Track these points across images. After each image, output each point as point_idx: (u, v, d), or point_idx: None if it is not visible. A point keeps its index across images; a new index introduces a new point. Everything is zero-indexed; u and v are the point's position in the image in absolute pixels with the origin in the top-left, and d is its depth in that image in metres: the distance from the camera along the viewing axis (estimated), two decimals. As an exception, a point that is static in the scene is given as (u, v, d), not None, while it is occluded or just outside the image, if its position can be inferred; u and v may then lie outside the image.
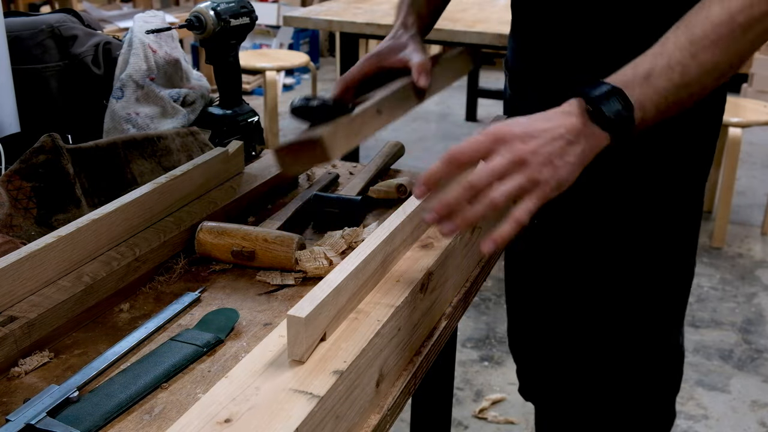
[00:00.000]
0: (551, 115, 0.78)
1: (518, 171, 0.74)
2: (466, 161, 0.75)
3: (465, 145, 0.75)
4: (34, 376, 0.75)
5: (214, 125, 1.29)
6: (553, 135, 0.76)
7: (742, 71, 4.63)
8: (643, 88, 0.80)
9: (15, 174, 0.99)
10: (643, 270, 1.21)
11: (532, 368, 1.48)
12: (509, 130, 0.75)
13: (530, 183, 0.74)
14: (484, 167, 0.74)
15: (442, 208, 0.75)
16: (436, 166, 0.75)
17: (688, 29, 0.82)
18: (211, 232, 0.98)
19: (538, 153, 0.75)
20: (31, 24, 1.29)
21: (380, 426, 0.71)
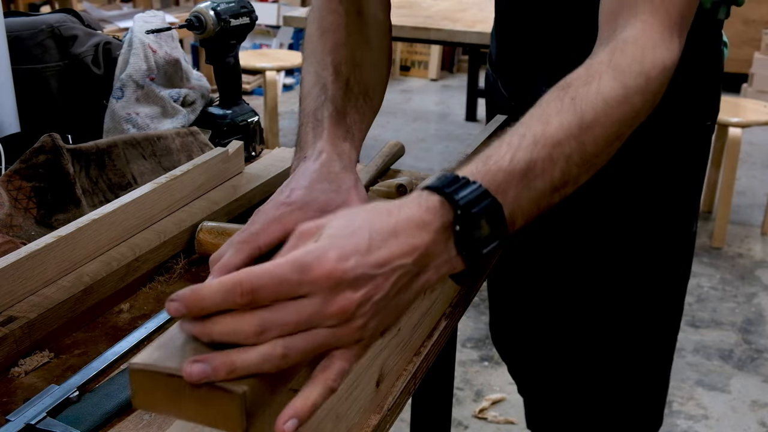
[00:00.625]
0: (400, 227, 0.54)
1: (335, 324, 0.52)
2: (264, 298, 0.51)
3: (267, 277, 0.51)
4: (34, 376, 0.75)
5: (214, 125, 1.29)
6: (395, 268, 0.53)
7: (741, 71, 4.64)
8: (518, 191, 0.60)
9: (15, 174, 0.99)
10: (633, 274, 1.19)
11: (516, 363, 1.48)
12: (335, 269, 0.51)
13: (347, 341, 0.53)
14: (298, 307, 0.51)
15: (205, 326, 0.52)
16: (212, 289, 0.51)
17: (575, 107, 0.65)
18: (211, 232, 0.98)
19: (370, 302, 0.53)
20: (31, 24, 1.29)
21: (380, 426, 0.71)
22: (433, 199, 0.56)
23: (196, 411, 0.52)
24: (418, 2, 3.40)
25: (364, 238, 0.53)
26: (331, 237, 0.53)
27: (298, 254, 0.52)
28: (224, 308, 0.52)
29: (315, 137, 0.77)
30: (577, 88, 0.67)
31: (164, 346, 0.54)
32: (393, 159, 1.31)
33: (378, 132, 4.58)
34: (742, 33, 5.17)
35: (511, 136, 0.63)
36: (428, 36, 2.89)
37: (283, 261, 0.51)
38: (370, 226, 0.54)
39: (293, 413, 0.51)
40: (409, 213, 0.55)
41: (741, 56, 5.07)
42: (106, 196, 1.06)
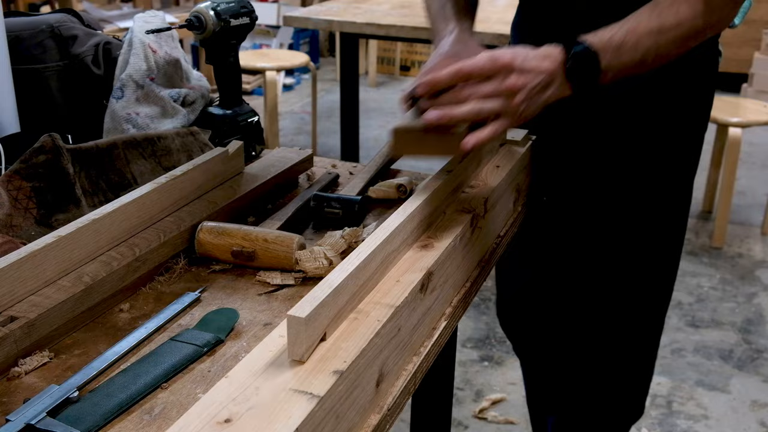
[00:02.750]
0: (542, 56, 0.93)
1: (507, 97, 0.90)
2: (471, 77, 0.90)
3: (474, 64, 0.90)
4: (34, 376, 0.75)
5: (214, 125, 1.29)
6: (540, 75, 0.91)
7: (742, 71, 4.64)
8: (612, 56, 0.96)
9: (15, 174, 0.99)
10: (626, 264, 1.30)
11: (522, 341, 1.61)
12: (511, 60, 0.90)
13: (510, 110, 0.91)
14: (487, 84, 0.90)
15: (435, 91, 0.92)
16: (443, 74, 0.90)
17: (659, 18, 0.97)
18: (211, 232, 0.98)
19: (525, 88, 0.90)
20: (31, 24, 1.29)
21: (380, 426, 0.71)
22: (558, 48, 0.95)
23: (433, 147, 0.95)
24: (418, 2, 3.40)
25: (524, 52, 0.92)
26: (509, 49, 0.92)
27: (489, 53, 0.91)
28: (450, 85, 0.91)
29: (446, 23, 1.14)
30: (663, 7, 0.98)
31: (408, 118, 0.96)
32: (393, 159, 1.31)
33: (378, 132, 4.57)
34: (742, 33, 5.17)
35: (615, 25, 0.97)
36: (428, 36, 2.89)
37: (483, 55, 0.91)
38: (526, 50, 0.93)
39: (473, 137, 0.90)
40: (545, 51, 0.94)
41: (741, 56, 5.07)
42: (106, 196, 1.06)
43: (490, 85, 0.90)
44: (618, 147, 1.23)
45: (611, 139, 1.23)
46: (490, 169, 1.11)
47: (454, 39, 1.09)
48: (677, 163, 1.25)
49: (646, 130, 1.21)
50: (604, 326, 1.35)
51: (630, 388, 1.42)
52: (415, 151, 0.95)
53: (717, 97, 1.25)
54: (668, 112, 1.21)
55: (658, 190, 1.25)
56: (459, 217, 0.95)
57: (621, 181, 1.25)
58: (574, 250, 1.33)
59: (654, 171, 1.24)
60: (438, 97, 0.92)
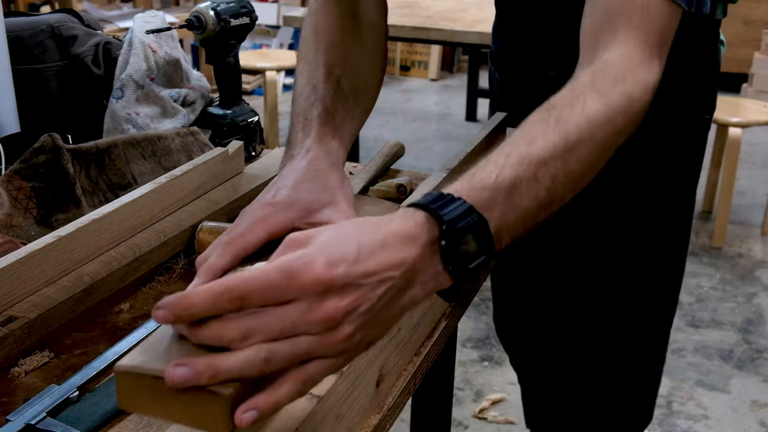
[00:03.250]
0: (388, 240, 0.54)
1: (321, 331, 0.51)
2: (252, 303, 0.51)
3: (255, 284, 0.51)
4: (34, 376, 0.75)
5: (214, 125, 1.29)
6: (382, 280, 0.53)
7: (741, 71, 4.64)
8: (504, 208, 0.61)
9: (15, 174, 0.99)
10: (630, 267, 1.24)
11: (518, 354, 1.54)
12: (323, 276, 0.51)
13: (333, 347, 0.52)
14: (280, 311, 0.51)
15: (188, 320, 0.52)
16: (200, 296, 0.51)
17: (560, 128, 0.66)
18: (211, 232, 0.98)
19: (355, 311, 0.52)
20: (31, 24, 1.29)
21: (380, 426, 0.71)
22: (419, 215, 0.57)
23: (182, 413, 0.52)
24: (418, 2, 3.40)
25: (352, 248, 0.53)
26: (320, 245, 0.53)
27: (286, 259, 0.52)
28: (212, 314, 0.52)
29: (304, 136, 0.78)
30: (562, 110, 0.68)
31: (150, 349, 0.54)
32: (393, 159, 1.31)
33: (378, 132, 4.57)
34: (742, 33, 5.17)
35: (497, 155, 0.64)
36: (428, 36, 2.89)
37: (271, 267, 0.51)
38: (358, 237, 0.54)
39: (254, 405, 0.50)
40: (396, 227, 0.56)
41: (741, 56, 5.07)
42: (106, 196, 1.06)
43: (286, 318, 0.51)
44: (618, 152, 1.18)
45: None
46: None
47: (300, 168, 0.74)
48: (680, 166, 1.19)
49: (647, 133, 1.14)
50: (607, 334, 1.31)
51: (636, 396, 1.37)
52: (152, 410, 0.53)
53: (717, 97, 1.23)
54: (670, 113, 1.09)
55: (661, 192, 1.20)
56: (459, 217, 0.94)
57: (623, 186, 1.18)
58: (575, 256, 1.28)
59: (657, 172, 1.18)
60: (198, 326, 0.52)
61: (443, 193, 0.59)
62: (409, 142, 4.18)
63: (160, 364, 0.52)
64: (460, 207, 0.57)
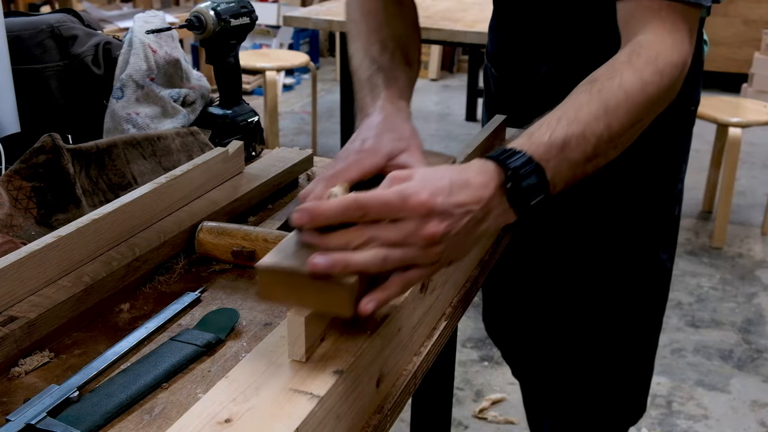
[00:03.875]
0: (470, 181, 0.69)
1: (423, 247, 0.66)
2: (369, 216, 0.65)
3: (377, 199, 0.65)
4: (34, 376, 0.75)
5: (214, 125, 1.29)
6: (467, 211, 0.68)
7: (741, 71, 4.64)
8: (557, 161, 0.75)
9: (15, 174, 0.99)
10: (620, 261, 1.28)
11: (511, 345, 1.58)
12: (429, 201, 0.65)
13: (428, 259, 0.67)
14: (394, 228, 0.65)
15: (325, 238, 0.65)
16: (332, 204, 0.65)
17: (601, 96, 0.80)
18: (211, 232, 0.98)
19: (448, 233, 0.67)
20: (31, 24, 1.29)
21: (380, 426, 0.71)
22: (490, 164, 0.72)
23: (312, 300, 0.65)
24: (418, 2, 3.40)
25: (446, 184, 0.67)
26: (422, 180, 0.67)
27: (401, 187, 0.66)
28: (340, 221, 0.65)
29: (374, 98, 0.91)
30: (603, 82, 0.82)
31: (282, 252, 0.67)
32: (393, 159, 1.31)
33: (378, 132, 4.57)
34: (742, 33, 5.17)
35: (550, 118, 0.78)
36: (428, 36, 2.89)
37: (389, 190, 0.66)
38: (450, 176, 0.69)
39: (372, 297, 0.65)
40: (474, 173, 0.71)
41: (741, 56, 5.07)
42: (106, 196, 1.06)
43: (400, 231, 0.65)
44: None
45: None
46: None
47: (378, 121, 0.86)
48: (664, 160, 1.24)
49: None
50: (597, 325, 1.34)
51: (628, 389, 1.41)
52: (287, 299, 0.66)
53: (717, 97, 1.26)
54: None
55: (649, 182, 1.24)
56: (459, 217, 0.94)
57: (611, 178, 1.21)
58: (563, 249, 1.32)
59: (642, 169, 1.22)
60: (325, 234, 0.66)
61: (507, 148, 0.74)
62: (409, 142, 4.18)
63: (294, 262, 0.65)
64: (522, 158, 0.72)
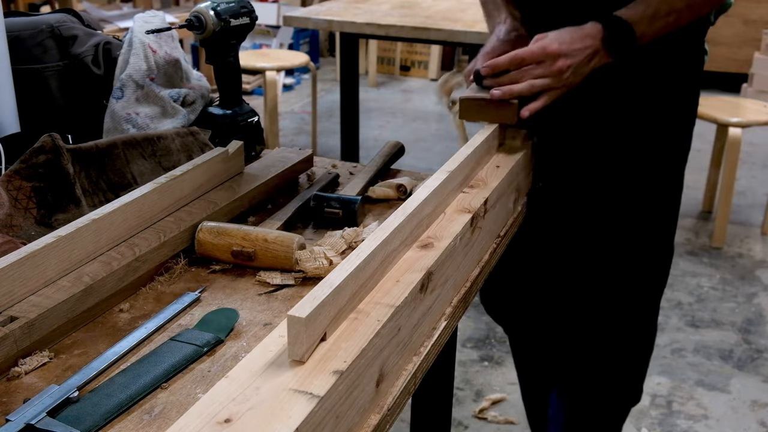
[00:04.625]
0: (582, 35, 1.14)
1: (556, 75, 1.14)
2: (525, 62, 1.14)
3: (527, 52, 1.14)
4: (34, 376, 0.75)
5: (214, 125, 1.29)
6: (582, 53, 1.13)
7: (741, 71, 4.64)
8: (646, 26, 1.14)
9: (15, 174, 0.99)
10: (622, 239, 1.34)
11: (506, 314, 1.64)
12: (558, 48, 1.13)
13: (558, 85, 1.15)
14: (538, 67, 1.14)
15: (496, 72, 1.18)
16: (503, 59, 1.16)
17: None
18: (211, 232, 0.98)
19: (570, 67, 1.13)
20: (31, 24, 1.29)
21: (380, 426, 0.71)
22: (597, 26, 1.15)
23: (493, 115, 1.19)
24: (418, 2, 3.40)
25: (569, 37, 1.14)
26: (552, 37, 1.14)
27: (540, 43, 1.15)
28: (508, 68, 1.16)
29: (498, 12, 1.33)
30: None
31: (473, 89, 1.21)
32: (393, 159, 1.32)
33: (378, 132, 4.58)
34: (742, 33, 5.17)
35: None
36: (428, 36, 2.89)
37: (535, 45, 1.15)
38: (570, 33, 1.15)
39: (527, 108, 1.16)
40: (584, 30, 1.15)
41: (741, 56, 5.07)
42: (106, 196, 1.06)
43: (541, 69, 1.13)
44: (610, 138, 1.30)
45: (604, 131, 1.30)
46: (490, 169, 1.12)
47: (507, 27, 1.29)
48: (666, 152, 1.31)
49: (636, 122, 1.28)
50: (598, 308, 1.39)
51: (627, 366, 1.45)
52: (478, 117, 1.19)
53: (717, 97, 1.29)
54: (656, 104, 1.29)
55: (649, 175, 1.31)
56: (459, 217, 0.95)
57: (613, 169, 1.31)
58: (567, 234, 1.38)
59: (644, 158, 1.30)
60: (498, 77, 1.17)
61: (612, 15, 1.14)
62: (409, 142, 4.18)
63: (482, 93, 1.19)
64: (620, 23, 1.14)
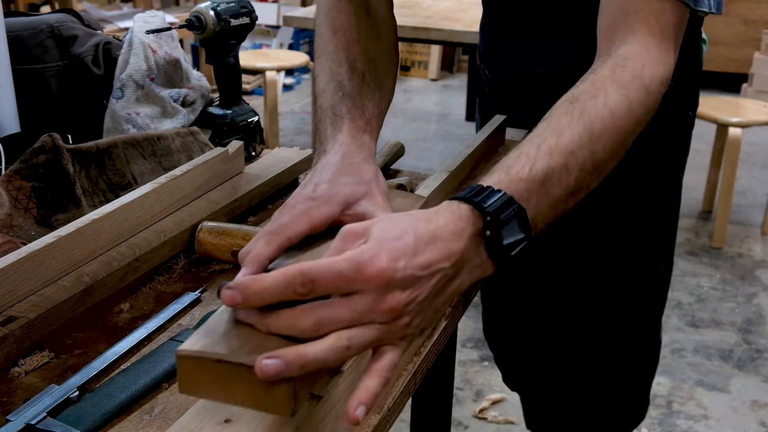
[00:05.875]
0: (438, 233, 0.60)
1: (385, 320, 0.56)
2: (316, 291, 0.55)
3: (326, 272, 0.55)
4: (34, 376, 0.75)
5: (214, 125, 1.29)
6: (436, 271, 0.59)
7: (741, 71, 4.64)
8: (539, 198, 0.66)
9: (15, 174, 0.99)
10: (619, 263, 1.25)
11: (509, 357, 1.54)
12: (388, 269, 0.56)
13: (393, 335, 0.58)
14: (349, 303, 0.55)
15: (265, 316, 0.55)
16: (272, 278, 0.54)
17: (584, 119, 0.71)
18: (211, 232, 0.98)
19: (414, 301, 0.58)
20: (31, 24, 1.29)
21: (380, 426, 0.71)
22: (464, 208, 0.62)
23: (244, 396, 0.53)
24: (418, 2, 3.40)
25: (409, 242, 0.58)
26: (380, 239, 0.57)
27: (353, 253, 0.56)
28: (283, 299, 0.54)
29: (334, 131, 0.80)
30: (585, 102, 0.73)
31: (209, 333, 0.55)
32: (393, 159, 1.31)
33: (378, 132, 4.57)
34: (742, 33, 5.17)
35: (528, 147, 0.69)
36: (428, 36, 2.89)
37: (340, 258, 0.56)
38: (414, 231, 0.59)
39: (359, 401, 0.54)
40: (444, 221, 0.61)
41: (741, 56, 5.07)
42: (106, 196, 1.06)
43: (356, 307, 0.55)
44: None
45: None
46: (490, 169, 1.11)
47: (335, 162, 0.75)
48: (665, 161, 1.21)
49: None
50: (595, 338, 1.32)
51: (627, 397, 1.39)
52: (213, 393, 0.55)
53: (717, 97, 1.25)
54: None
55: (646, 187, 1.21)
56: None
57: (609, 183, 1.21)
58: (562, 264, 1.29)
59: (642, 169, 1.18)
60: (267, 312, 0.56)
61: (484, 186, 0.64)
62: (409, 142, 4.18)
63: (223, 348, 0.53)
64: (501, 198, 0.63)
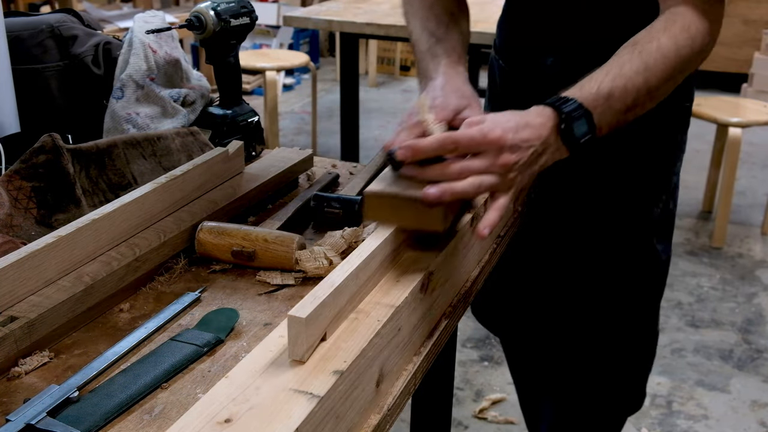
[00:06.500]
0: (531, 122, 0.87)
1: (500, 172, 0.84)
2: (459, 149, 0.83)
3: (464, 136, 0.83)
4: (34, 376, 0.75)
5: (214, 125, 1.29)
6: (531, 146, 0.86)
7: (741, 71, 4.64)
8: (603, 108, 0.91)
9: (15, 174, 0.99)
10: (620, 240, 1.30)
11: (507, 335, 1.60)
12: (503, 137, 0.83)
13: (507, 185, 0.85)
14: (479, 159, 0.83)
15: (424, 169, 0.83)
16: (429, 140, 0.83)
17: (641, 56, 0.94)
18: (211, 232, 0.98)
19: (518, 163, 0.85)
20: (31, 24, 1.29)
21: (380, 426, 0.71)
22: (548, 109, 0.89)
23: (410, 218, 0.81)
24: (418, 2, 3.40)
25: (512, 124, 0.85)
26: (494, 121, 0.85)
27: (479, 126, 0.84)
28: (436, 154, 0.82)
29: (436, 65, 1.05)
30: (643, 45, 0.96)
31: (384, 180, 0.84)
32: (393, 159, 1.31)
33: (378, 132, 4.57)
34: (742, 33, 5.17)
35: (599, 73, 0.93)
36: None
37: (472, 129, 0.84)
38: (515, 118, 0.86)
39: (484, 225, 0.82)
40: (534, 115, 0.88)
41: (741, 56, 5.07)
42: (106, 196, 1.06)
43: (483, 161, 0.83)
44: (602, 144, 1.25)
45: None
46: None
47: (443, 83, 1.01)
48: (659, 154, 1.27)
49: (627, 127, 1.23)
50: (594, 318, 1.35)
51: (626, 378, 1.41)
52: (390, 219, 0.81)
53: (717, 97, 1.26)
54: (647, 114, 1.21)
55: (645, 176, 1.27)
56: (459, 217, 0.95)
57: (608, 171, 1.26)
58: (561, 244, 1.34)
59: (637, 160, 1.25)
60: (424, 167, 0.82)
61: (561, 96, 0.90)
62: (409, 142, 4.17)
63: (396, 189, 0.81)
64: (573, 104, 0.89)
